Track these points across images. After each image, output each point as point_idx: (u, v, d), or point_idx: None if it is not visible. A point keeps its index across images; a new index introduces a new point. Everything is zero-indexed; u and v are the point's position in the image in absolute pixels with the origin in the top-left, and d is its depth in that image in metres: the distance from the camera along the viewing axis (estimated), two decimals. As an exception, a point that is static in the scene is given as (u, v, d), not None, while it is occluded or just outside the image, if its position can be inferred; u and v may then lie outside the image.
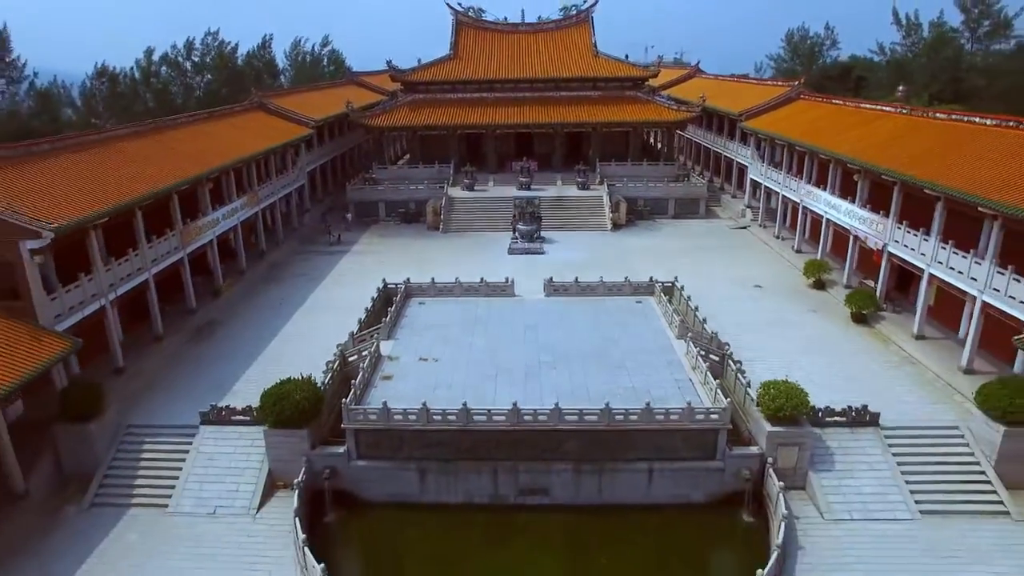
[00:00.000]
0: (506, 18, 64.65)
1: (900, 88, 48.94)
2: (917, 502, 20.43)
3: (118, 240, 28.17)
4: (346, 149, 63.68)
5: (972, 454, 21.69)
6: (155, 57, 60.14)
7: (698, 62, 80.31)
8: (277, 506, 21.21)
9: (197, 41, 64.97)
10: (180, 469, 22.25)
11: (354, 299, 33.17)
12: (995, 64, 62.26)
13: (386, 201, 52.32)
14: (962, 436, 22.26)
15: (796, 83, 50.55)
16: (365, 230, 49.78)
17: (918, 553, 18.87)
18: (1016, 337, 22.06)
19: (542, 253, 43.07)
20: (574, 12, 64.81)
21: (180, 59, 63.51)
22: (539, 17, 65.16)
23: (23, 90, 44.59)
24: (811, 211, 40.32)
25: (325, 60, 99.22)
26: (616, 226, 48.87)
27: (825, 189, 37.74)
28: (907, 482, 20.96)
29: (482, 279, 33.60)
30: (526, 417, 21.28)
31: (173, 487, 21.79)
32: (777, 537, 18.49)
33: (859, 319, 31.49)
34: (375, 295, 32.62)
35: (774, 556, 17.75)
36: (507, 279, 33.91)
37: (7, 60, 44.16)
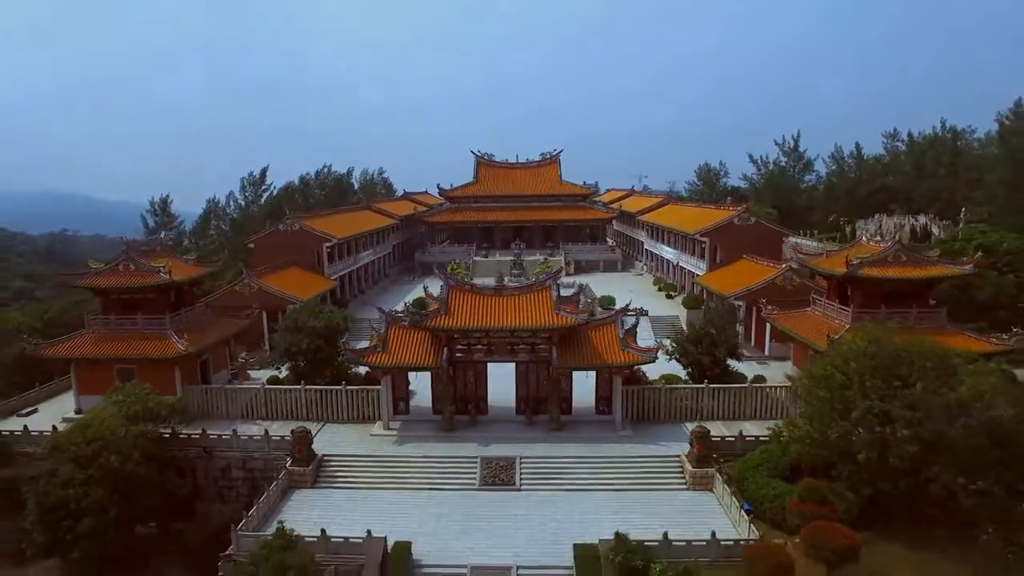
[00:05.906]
0: (507, 159, 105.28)
1: (728, 199, 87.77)
2: (655, 334, 56.12)
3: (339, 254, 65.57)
4: (409, 235, 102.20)
5: (680, 321, 57.68)
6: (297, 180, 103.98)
7: (633, 186, 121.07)
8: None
9: (314, 171, 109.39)
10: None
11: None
12: (808, 190, 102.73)
13: (437, 262, 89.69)
14: (678, 316, 58.40)
15: (667, 194, 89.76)
16: (428, 276, 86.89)
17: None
18: (694, 280, 58.86)
19: (524, 278, 79.74)
20: (548, 156, 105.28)
21: (309, 182, 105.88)
22: (527, 159, 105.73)
23: (266, 194, 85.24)
24: (660, 256, 77.76)
25: (379, 184, 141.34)
26: (568, 274, 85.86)
27: (665, 244, 75.41)
28: (652, 330, 56.65)
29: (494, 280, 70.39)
30: (512, 305, 57.51)
31: (378, 333, 57.54)
32: (597, 335, 54.32)
33: (668, 296, 67.91)
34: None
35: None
36: (507, 281, 70.71)
37: (262, 180, 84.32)
